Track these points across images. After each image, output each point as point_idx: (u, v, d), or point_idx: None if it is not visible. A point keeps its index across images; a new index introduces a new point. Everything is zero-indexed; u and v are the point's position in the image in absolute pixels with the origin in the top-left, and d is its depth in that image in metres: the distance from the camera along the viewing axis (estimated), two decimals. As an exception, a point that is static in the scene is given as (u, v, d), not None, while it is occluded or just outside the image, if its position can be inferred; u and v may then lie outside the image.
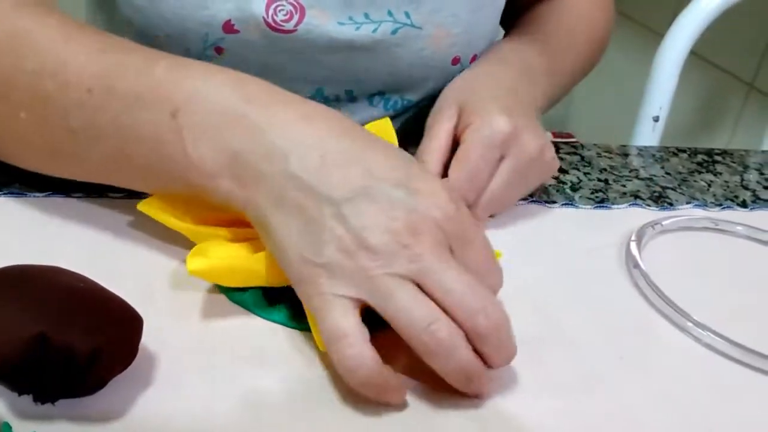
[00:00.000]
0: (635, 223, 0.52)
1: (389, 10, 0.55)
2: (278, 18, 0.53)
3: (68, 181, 0.45)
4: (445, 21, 0.57)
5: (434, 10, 0.56)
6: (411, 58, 0.57)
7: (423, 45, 0.57)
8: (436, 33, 0.57)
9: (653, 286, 0.45)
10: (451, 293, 0.34)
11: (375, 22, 0.55)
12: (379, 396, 0.35)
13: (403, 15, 0.56)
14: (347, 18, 0.55)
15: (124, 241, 0.44)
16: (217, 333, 0.38)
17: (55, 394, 0.31)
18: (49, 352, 0.30)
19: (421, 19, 0.56)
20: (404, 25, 0.56)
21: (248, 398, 0.35)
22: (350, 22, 0.55)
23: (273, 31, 0.53)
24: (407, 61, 0.57)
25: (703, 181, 0.61)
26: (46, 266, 0.35)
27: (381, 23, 0.55)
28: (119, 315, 0.34)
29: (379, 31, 0.55)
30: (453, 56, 0.59)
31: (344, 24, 0.55)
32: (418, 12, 0.56)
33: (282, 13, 0.53)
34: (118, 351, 0.33)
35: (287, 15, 0.53)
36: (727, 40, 1.25)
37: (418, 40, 0.57)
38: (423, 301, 0.34)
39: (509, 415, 0.36)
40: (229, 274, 0.39)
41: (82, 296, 0.33)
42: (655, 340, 0.42)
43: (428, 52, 0.57)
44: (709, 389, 0.39)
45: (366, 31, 0.55)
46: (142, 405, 0.34)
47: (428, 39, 0.57)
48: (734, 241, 0.53)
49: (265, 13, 0.53)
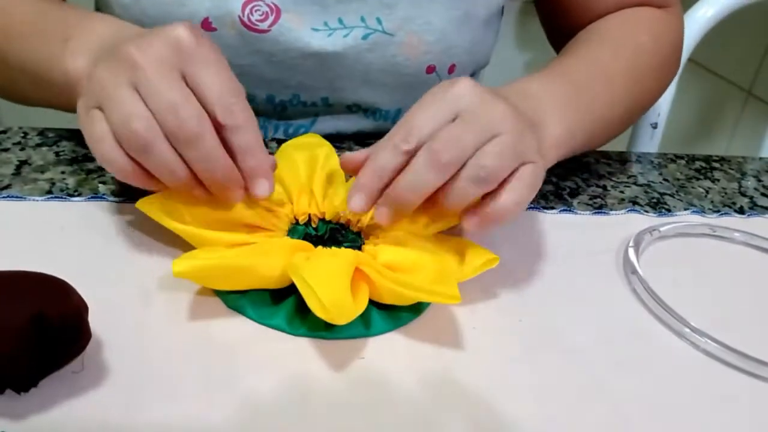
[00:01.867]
0: (633, 229, 0.52)
1: (362, 15, 0.56)
2: (253, 18, 0.54)
3: (68, 184, 0.45)
4: (419, 29, 0.57)
5: (407, 18, 0.56)
6: (382, 65, 0.57)
7: (395, 52, 0.57)
8: (409, 40, 0.57)
9: (651, 292, 0.45)
10: (154, 96, 0.38)
11: (348, 28, 0.56)
12: (136, 181, 0.40)
13: (375, 21, 0.56)
14: (322, 23, 0.56)
15: (121, 244, 0.44)
16: (214, 337, 0.38)
17: (47, 369, 0.33)
18: (47, 326, 0.32)
19: (393, 26, 0.56)
20: (375, 30, 0.56)
21: (244, 403, 0.35)
22: (325, 27, 0.56)
23: (248, 29, 0.54)
24: (379, 67, 0.58)
25: (701, 188, 0.61)
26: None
27: (353, 29, 0.56)
28: (52, 281, 0.35)
29: (350, 36, 0.56)
30: (427, 65, 0.58)
31: (318, 30, 0.55)
32: (390, 19, 0.56)
33: (258, 13, 0.54)
34: (84, 306, 0.35)
35: (263, 15, 0.54)
36: (725, 48, 1.25)
37: (389, 46, 0.57)
38: (134, 103, 0.39)
39: (506, 420, 0.36)
40: (216, 274, 0.39)
41: (15, 277, 0.34)
42: (653, 345, 0.42)
43: (400, 59, 0.57)
44: (706, 395, 0.39)
45: (337, 38, 0.56)
46: (138, 408, 0.34)
47: (400, 46, 0.57)
48: (732, 248, 0.53)
49: (241, 11, 0.54)
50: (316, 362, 0.38)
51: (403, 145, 0.40)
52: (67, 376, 0.34)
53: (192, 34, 0.40)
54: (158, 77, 0.39)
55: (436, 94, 0.41)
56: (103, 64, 0.41)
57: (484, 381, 0.38)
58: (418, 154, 0.40)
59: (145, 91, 0.39)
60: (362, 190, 0.41)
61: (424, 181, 0.40)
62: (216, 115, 0.39)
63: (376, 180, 0.41)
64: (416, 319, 0.41)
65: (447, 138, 0.39)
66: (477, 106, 0.41)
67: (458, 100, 0.41)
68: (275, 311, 0.40)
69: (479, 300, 0.44)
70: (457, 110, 0.41)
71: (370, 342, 0.39)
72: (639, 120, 0.85)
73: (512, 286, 0.45)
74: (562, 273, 0.47)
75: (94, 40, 0.46)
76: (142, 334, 0.38)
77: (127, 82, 0.39)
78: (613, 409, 0.37)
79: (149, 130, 0.38)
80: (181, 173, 0.40)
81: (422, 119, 0.40)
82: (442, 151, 0.39)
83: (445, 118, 0.40)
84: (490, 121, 0.40)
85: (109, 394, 0.34)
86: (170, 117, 0.38)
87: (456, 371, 0.38)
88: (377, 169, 0.40)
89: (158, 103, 0.38)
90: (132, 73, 0.39)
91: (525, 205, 0.41)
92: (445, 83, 0.42)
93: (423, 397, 0.36)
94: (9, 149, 0.52)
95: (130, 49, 0.39)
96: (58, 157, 0.52)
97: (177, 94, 0.38)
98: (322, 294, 0.36)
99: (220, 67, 0.40)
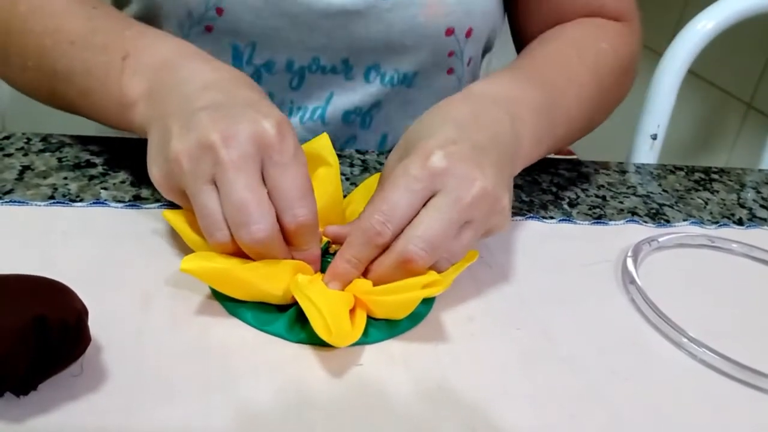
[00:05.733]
0: (632, 239, 0.52)
1: None
2: None
3: (70, 189, 0.46)
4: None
5: None
6: (404, 26, 0.58)
7: (416, 12, 0.58)
8: (429, 1, 0.58)
9: (649, 302, 0.45)
10: (230, 202, 0.39)
11: None
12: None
13: None
14: None
15: (122, 249, 0.44)
16: (214, 343, 0.38)
17: (46, 372, 0.33)
18: (48, 329, 0.32)
19: None
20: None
21: (242, 408, 0.35)
22: None
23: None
24: (400, 28, 0.58)
25: (700, 199, 0.61)
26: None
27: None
28: (53, 285, 0.35)
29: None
30: (447, 27, 0.59)
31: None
32: None
33: None
34: (84, 310, 0.35)
35: None
36: (725, 60, 1.26)
37: (411, 7, 0.58)
38: (214, 208, 0.40)
39: (504, 429, 0.36)
40: (221, 279, 0.39)
41: (17, 281, 0.35)
42: (651, 355, 0.42)
43: (421, 19, 0.58)
44: (704, 405, 0.40)
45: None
46: (136, 413, 0.34)
47: (422, 7, 0.58)
48: (730, 259, 0.54)
49: None
50: (314, 369, 0.38)
51: (378, 238, 0.40)
52: (67, 379, 0.34)
53: (278, 133, 0.40)
54: (237, 180, 0.39)
55: (410, 174, 0.41)
56: (183, 146, 0.40)
57: (481, 389, 0.38)
58: (391, 253, 0.40)
59: (222, 194, 0.39)
60: (338, 279, 0.41)
61: (397, 277, 0.41)
62: (283, 218, 0.40)
63: (353, 271, 0.41)
64: (414, 328, 0.41)
65: (424, 240, 0.39)
66: (455, 188, 0.40)
67: (434, 179, 0.40)
68: (275, 318, 0.40)
69: (477, 308, 0.44)
70: (435, 189, 0.41)
71: (368, 349, 0.39)
72: (639, 131, 0.85)
73: (510, 295, 0.45)
74: (560, 282, 0.47)
75: (153, 62, 0.47)
76: (142, 339, 0.38)
77: (209, 178, 0.40)
78: (611, 418, 0.38)
79: (233, 244, 0.40)
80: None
81: (397, 206, 0.40)
82: (416, 259, 0.40)
83: (421, 200, 0.41)
84: (467, 206, 0.40)
85: (107, 399, 0.34)
86: (243, 229, 0.39)
87: (453, 379, 0.38)
88: (352, 260, 0.41)
89: (233, 208, 0.39)
90: (213, 169, 0.40)
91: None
92: (420, 152, 0.41)
93: (420, 404, 0.36)
94: (12, 154, 0.52)
95: (215, 138, 0.39)
96: (60, 163, 0.52)
97: (253, 198, 0.39)
98: (330, 318, 0.37)
99: (298, 171, 0.41)
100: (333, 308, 0.38)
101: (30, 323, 0.31)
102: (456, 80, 0.64)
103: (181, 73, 0.45)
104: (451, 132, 0.43)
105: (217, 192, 0.40)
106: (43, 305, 0.32)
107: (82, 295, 0.35)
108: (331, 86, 0.61)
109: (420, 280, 0.40)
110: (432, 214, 0.40)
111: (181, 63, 0.46)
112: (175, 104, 0.43)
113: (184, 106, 0.42)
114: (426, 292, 0.40)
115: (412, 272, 0.40)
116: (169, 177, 0.42)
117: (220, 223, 0.40)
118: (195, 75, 0.45)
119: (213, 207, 0.40)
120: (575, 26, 0.62)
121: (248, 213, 0.39)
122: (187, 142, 0.40)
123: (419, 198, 0.40)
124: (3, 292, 0.33)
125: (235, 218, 0.39)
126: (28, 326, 0.31)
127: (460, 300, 0.44)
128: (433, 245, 0.39)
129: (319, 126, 0.62)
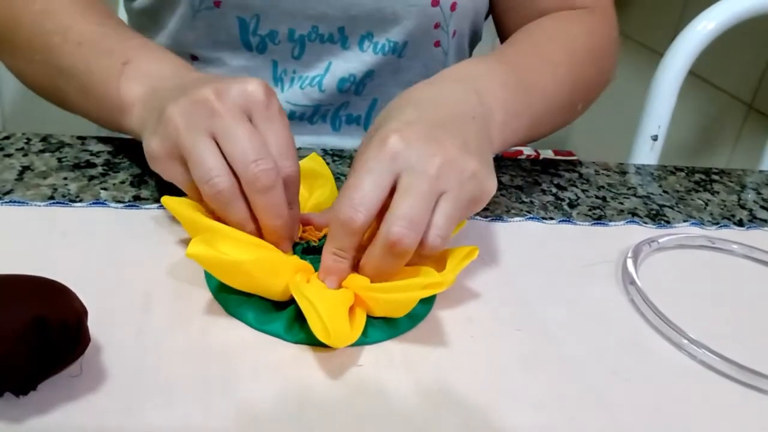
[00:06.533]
0: (632, 240, 0.52)
1: None
2: None
3: (70, 189, 0.46)
4: None
5: None
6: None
7: None
8: None
9: (649, 303, 0.45)
10: (234, 144, 0.41)
11: None
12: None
13: None
14: None
15: (122, 250, 0.44)
16: (212, 343, 0.38)
17: (46, 372, 0.33)
18: (48, 330, 0.32)
19: None
20: None
21: (241, 409, 0.35)
22: None
23: None
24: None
25: (701, 200, 0.61)
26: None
27: None
28: (52, 286, 0.35)
29: None
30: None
31: None
32: None
33: None
34: (84, 311, 0.35)
35: None
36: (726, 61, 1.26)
37: None
38: (212, 154, 0.41)
39: (504, 430, 0.36)
40: (223, 269, 0.39)
41: (16, 281, 0.34)
42: (651, 356, 0.42)
43: None
44: (704, 406, 0.39)
45: None
46: (135, 413, 0.34)
47: None
48: (730, 260, 0.54)
49: None
50: (313, 369, 0.38)
51: (352, 223, 0.40)
52: (66, 379, 0.34)
53: (265, 92, 0.43)
54: (237, 125, 0.41)
55: (369, 159, 0.41)
56: (177, 106, 0.42)
57: (481, 390, 0.38)
58: (376, 241, 0.40)
59: (224, 139, 0.41)
60: (331, 274, 0.41)
61: (390, 265, 0.40)
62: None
63: (341, 263, 0.41)
64: (413, 328, 0.41)
65: (402, 218, 0.39)
66: (416, 164, 0.40)
67: (394, 161, 0.40)
68: (274, 318, 0.40)
69: (477, 309, 0.44)
70: (398, 171, 0.40)
71: (368, 350, 0.39)
72: (639, 132, 0.85)
73: (510, 296, 0.45)
74: (560, 283, 0.47)
75: (151, 70, 0.49)
76: (141, 340, 0.38)
77: (205, 130, 0.41)
78: (611, 419, 0.38)
79: (231, 190, 0.41)
80: (250, 227, 0.42)
81: (362, 188, 0.40)
82: (401, 238, 0.39)
83: (387, 182, 0.40)
84: (433, 177, 0.40)
85: (106, 399, 0.34)
86: (251, 166, 0.40)
87: (453, 380, 0.38)
88: (337, 251, 0.41)
89: (238, 153, 0.41)
90: (210, 121, 0.41)
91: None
92: (377, 138, 0.41)
93: (420, 405, 0.36)
94: (12, 155, 0.52)
95: (207, 94, 0.42)
96: (60, 163, 0.52)
97: (256, 145, 0.41)
98: (328, 319, 0.37)
99: (284, 126, 0.44)
100: (331, 309, 0.38)
101: (30, 323, 0.31)
102: (442, 54, 0.67)
103: (176, 81, 0.47)
104: (410, 114, 0.43)
105: (214, 142, 0.41)
106: (42, 305, 0.32)
107: (82, 295, 0.35)
108: (330, 55, 0.65)
109: (421, 281, 0.40)
110: (403, 194, 0.40)
111: (178, 73, 0.49)
112: (168, 97, 0.44)
113: (176, 91, 0.44)
114: (426, 292, 0.40)
115: (403, 255, 0.39)
116: (165, 139, 0.43)
117: (217, 169, 0.41)
118: (183, 81, 0.47)
119: (210, 154, 0.41)
120: (547, 18, 0.65)
121: (256, 151, 0.40)
122: (181, 102, 0.42)
123: (384, 179, 0.40)
124: (3, 292, 0.33)
125: (241, 157, 0.40)
126: (28, 326, 0.31)
127: (459, 301, 0.44)
128: (412, 221, 0.39)
129: (316, 92, 0.65)
